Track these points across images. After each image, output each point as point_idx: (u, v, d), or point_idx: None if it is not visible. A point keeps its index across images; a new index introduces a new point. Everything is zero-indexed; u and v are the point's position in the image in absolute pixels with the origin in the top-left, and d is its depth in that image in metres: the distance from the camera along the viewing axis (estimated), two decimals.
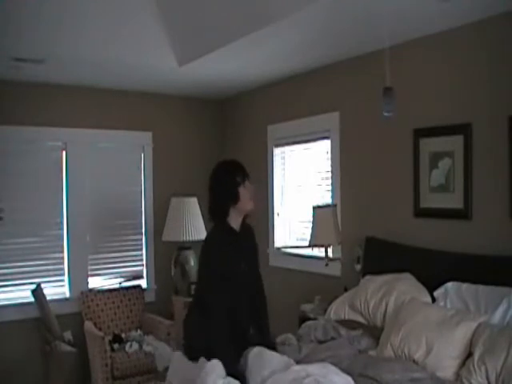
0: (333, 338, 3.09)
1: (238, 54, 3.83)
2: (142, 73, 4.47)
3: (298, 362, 2.62)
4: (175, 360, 2.81)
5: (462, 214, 3.22)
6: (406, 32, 3.35)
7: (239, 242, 2.71)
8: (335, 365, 2.49)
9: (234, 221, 2.69)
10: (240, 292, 2.69)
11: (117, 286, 4.93)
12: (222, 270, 2.59)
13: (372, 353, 2.89)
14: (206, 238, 2.74)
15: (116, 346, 4.35)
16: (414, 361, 2.66)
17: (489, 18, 3.04)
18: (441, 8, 2.88)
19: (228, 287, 2.60)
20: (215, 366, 2.45)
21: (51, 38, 3.55)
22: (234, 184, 2.63)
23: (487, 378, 2.35)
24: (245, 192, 2.66)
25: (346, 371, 2.46)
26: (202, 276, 2.72)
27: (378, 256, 3.65)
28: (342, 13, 3.01)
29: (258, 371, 2.46)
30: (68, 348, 4.30)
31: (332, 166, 4.20)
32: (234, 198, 2.64)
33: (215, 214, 2.70)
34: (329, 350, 2.88)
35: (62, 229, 4.81)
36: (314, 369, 2.39)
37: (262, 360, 2.51)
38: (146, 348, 4.33)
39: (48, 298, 4.49)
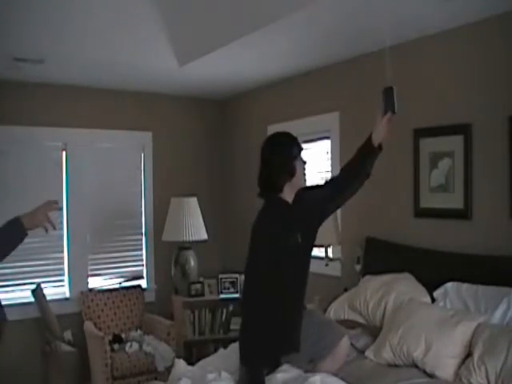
0: None
1: (239, 54, 3.83)
2: (143, 73, 4.47)
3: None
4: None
5: (462, 214, 3.22)
6: (406, 32, 3.35)
7: (295, 213, 2.51)
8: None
9: (288, 197, 2.51)
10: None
11: (117, 286, 4.93)
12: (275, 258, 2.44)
13: (369, 353, 2.89)
14: (260, 219, 2.52)
15: (116, 346, 4.35)
16: (412, 359, 2.67)
17: (489, 18, 3.04)
18: (441, 8, 2.89)
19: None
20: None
21: (51, 38, 3.55)
22: (291, 158, 2.46)
23: (487, 378, 2.36)
24: (300, 167, 2.50)
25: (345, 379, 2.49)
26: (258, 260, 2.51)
27: (378, 256, 3.65)
28: (342, 13, 3.01)
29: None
30: (68, 348, 4.30)
31: (332, 166, 4.20)
32: (291, 172, 2.46)
33: (268, 189, 2.52)
34: None
35: (62, 229, 4.80)
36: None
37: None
38: (146, 348, 4.33)
39: (48, 297, 4.48)
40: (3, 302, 4.39)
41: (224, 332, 4.90)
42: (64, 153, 4.84)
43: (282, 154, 2.48)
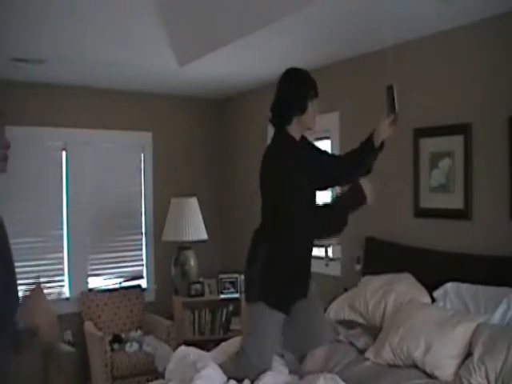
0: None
1: (239, 54, 3.83)
2: (143, 73, 4.47)
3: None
4: (175, 359, 2.79)
5: (462, 214, 3.22)
6: (406, 32, 3.35)
7: (301, 152, 2.53)
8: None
9: (295, 132, 2.52)
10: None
11: (117, 286, 4.93)
12: (295, 180, 2.41)
13: (369, 353, 2.89)
14: (270, 150, 2.54)
15: (116, 346, 4.35)
16: (412, 360, 2.67)
17: (489, 18, 3.04)
18: (441, 8, 2.88)
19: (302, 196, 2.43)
20: (212, 374, 2.48)
21: (51, 39, 3.55)
22: (305, 95, 2.50)
23: (487, 379, 2.35)
24: (312, 108, 2.52)
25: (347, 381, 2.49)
26: (274, 191, 2.46)
27: (378, 256, 3.65)
28: (342, 13, 3.01)
29: None
30: (68, 348, 4.30)
31: None
32: (301, 109, 2.49)
33: (277, 118, 2.55)
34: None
35: (62, 229, 4.81)
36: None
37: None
38: (146, 348, 4.33)
39: (48, 298, 4.48)
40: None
41: (224, 332, 4.90)
42: (64, 153, 4.84)
43: (297, 90, 2.51)
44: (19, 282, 1.88)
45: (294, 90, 2.52)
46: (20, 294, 1.68)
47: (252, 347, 2.52)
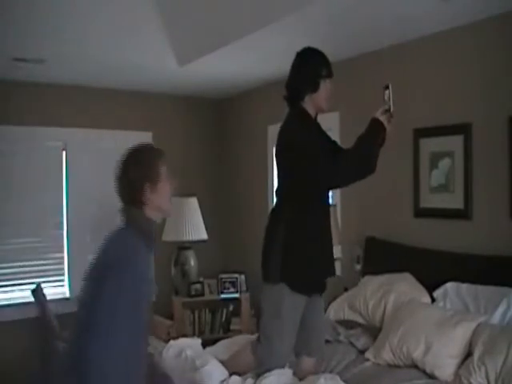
0: (327, 341, 3.02)
1: (239, 54, 3.83)
2: (143, 73, 4.47)
3: None
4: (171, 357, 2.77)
5: (462, 214, 3.22)
6: (406, 32, 3.35)
7: (316, 127, 2.57)
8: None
9: (309, 109, 2.54)
10: None
11: None
12: (314, 139, 2.44)
13: (369, 353, 2.89)
14: (285, 122, 2.54)
15: None
16: (412, 360, 2.67)
17: (488, 18, 3.04)
18: (441, 8, 2.89)
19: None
20: (212, 371, 2.46)
21: (51, 39, 3.54)
22: (317, 73, 2.51)
23: (487, 378, 2.36)
24: (324, 88, 2.52)
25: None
26: (294, 153, 2.41)
27: (378, 256, 3.65)
28: (342, 13, 3.01)
29: None
30: None
31: None
32: (313, 87, 2.49)
33: (291, 92, 2.58)
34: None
35: (62, 229, 4.81)
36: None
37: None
38: None
39: (48, 297, 4.48)
40: (4, 302, 4.41)
41: (224, 332, 4.89)
42: (64, 153, 4.84)
43: (310, 68, 2.53)
44: (19, 281, 1.92)
45: (307, 67, 2.53)
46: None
47: (273, 332, 2.44)
